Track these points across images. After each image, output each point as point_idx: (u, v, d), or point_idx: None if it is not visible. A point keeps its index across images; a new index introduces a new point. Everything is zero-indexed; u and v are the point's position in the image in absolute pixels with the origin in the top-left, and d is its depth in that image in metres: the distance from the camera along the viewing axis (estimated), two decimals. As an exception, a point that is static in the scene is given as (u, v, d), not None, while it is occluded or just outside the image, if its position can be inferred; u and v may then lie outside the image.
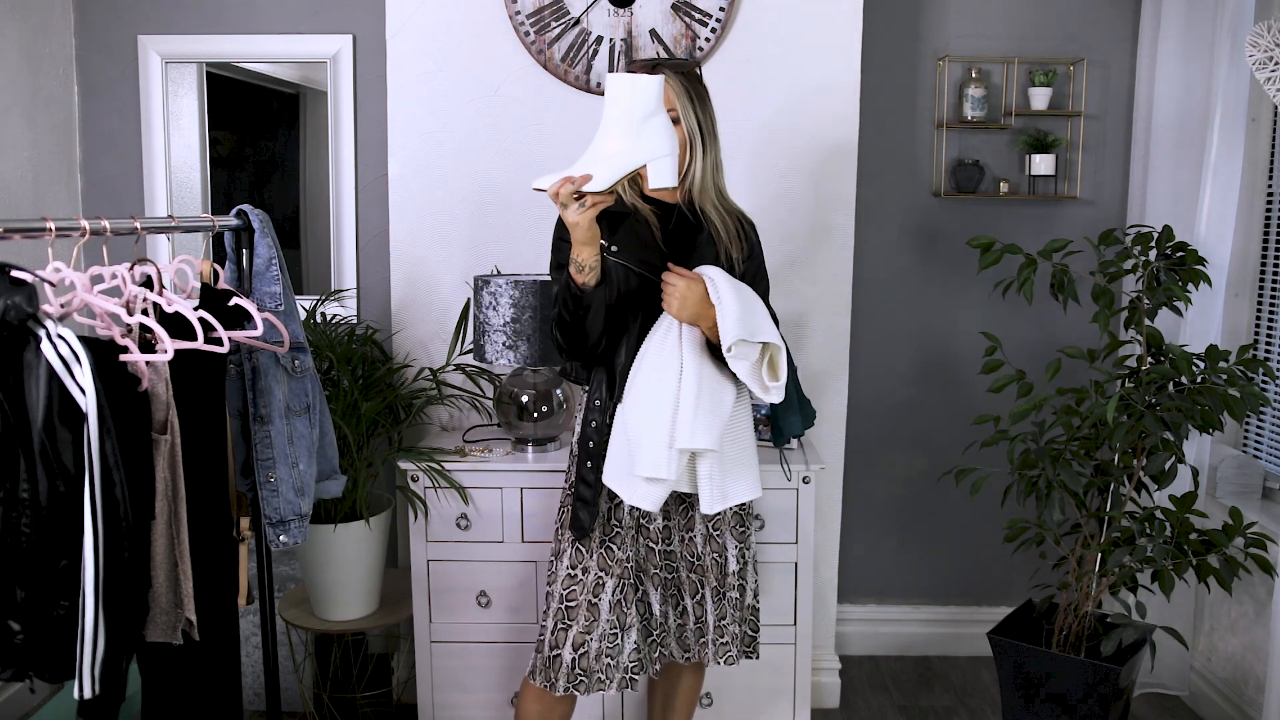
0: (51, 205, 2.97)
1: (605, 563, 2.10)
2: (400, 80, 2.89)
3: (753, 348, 1.97)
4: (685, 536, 2.16)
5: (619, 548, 2.10)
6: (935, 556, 3.38)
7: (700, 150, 2.05)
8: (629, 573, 2.11)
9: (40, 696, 2.88)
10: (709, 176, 2.08)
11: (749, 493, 2.06)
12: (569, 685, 2.09)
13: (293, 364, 2.04)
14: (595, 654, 2.09)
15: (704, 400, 1.95)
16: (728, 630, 2.20)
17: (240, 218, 2.02)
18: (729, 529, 2.17)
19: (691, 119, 2.02)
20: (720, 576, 2.17)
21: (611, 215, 2.08)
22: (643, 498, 1.96)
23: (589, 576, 2.10)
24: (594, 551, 2.10)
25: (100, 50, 3.06)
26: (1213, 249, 2.73)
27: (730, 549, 2.17)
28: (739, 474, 2.04)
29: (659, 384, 1.96)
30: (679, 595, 2.19)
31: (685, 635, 2.21)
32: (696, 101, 2.03)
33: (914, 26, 3.16)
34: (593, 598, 2.09)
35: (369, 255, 3.12)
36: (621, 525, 2.11)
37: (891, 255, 3.25)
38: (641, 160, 1.85)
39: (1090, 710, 2.51)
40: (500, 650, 2.67)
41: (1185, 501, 2.46)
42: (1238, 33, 2.65)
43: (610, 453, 2.03)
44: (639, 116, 1.83)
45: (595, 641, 2.09)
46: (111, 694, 1.63)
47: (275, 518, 2.02)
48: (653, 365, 1.98)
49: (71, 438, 1.52)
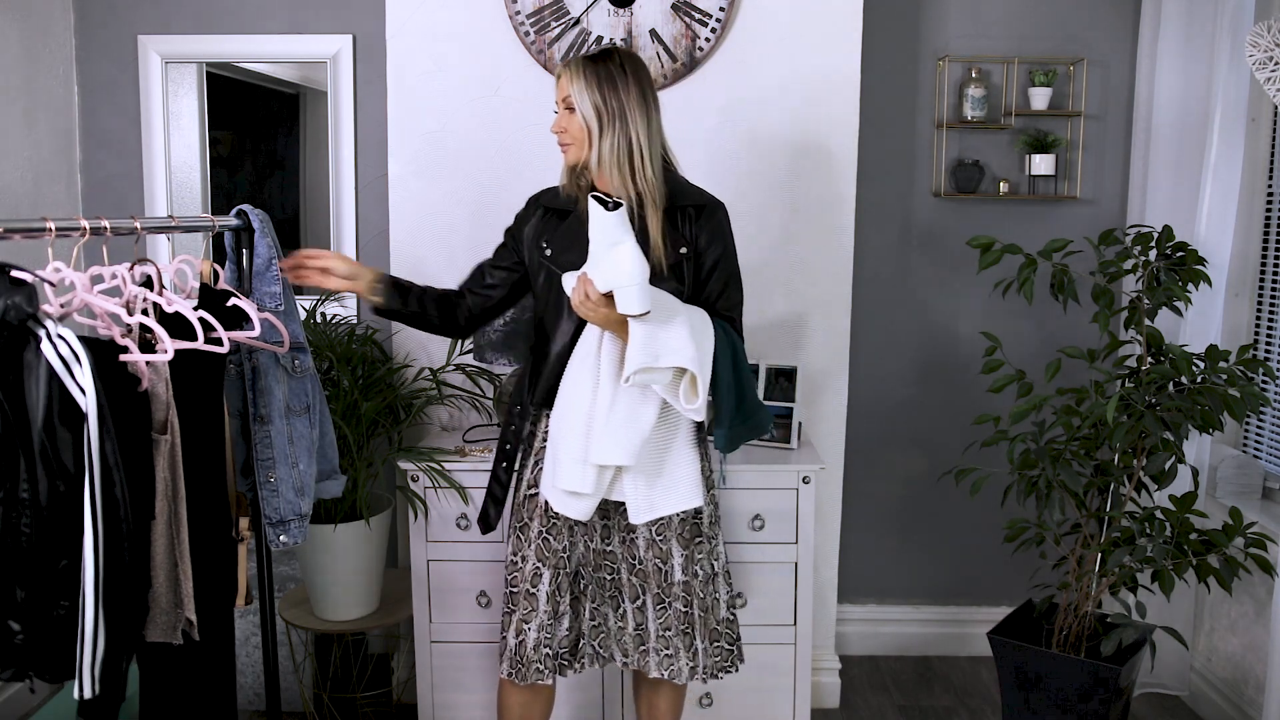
0: (51, 205, 2.97)
1: (543, 553, 2.12)
2: (400, 80, 2.89)
3: (662, 372, 1.89)
4: (626, 538, 2.13)
5: (555, 539, 2.12)
6: (935, 556, 3.37)
7: (597, 133, 1.99)
8: (565, 563, 2.12)
9: (40, 696, 2.88)
10: (617, 159, 1.99)
11: (682, 502, 2.01)
12: (511, 671, 2.13)
13: (293, 364, 2.04)
14: (533, 643, 2.12)
15: (618, 415, 1.93)
16: (671, 642, 2.13)
17: (240, 217, 2.02)
18: (675, 536, 2.10)
19: (587, 103, 1.98)
20: (664, 584, 2.11)
21: (555, 213, 2.11)
22: (570, 508, 1.99)
23: (527, 565, 2.13)
24: (532, 542, 2.13)
25: (100, 50, 3.06)
26: (1213, 249, 2.73)
27: (675, 557, 2.10)
28: (669, 485, 2.01)
29: (577, 397, 1.97)
30: (619, 597, 2.16)
31: (624, 639, 2.18)
32: (600, 85, 1.98)
33: (914, 26, 3.15)
34: (530, 587, 2.12)
35: (369, 255, 3.12)
36: (559, 518, 2.12)
37: (891, 255, 3.24)
38: (605, 287, 1.85)
39: (1090, 710, 2.51)
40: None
41: (1185, 501, 2.46)
42: (1238, 33, 2.65)
43: (545, 461, 2.06)
44: (602, 245, 1.87)
45: (534, 631, 2.12)
46: (111, 694, 1.63)
47: (275, 518, 2.02)
48: (573, 378, 2.00)
49: (71, 438, 1.52)
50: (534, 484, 2.15)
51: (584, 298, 1.89)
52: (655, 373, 1.88)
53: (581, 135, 2.01)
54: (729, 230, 2.11)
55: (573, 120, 2.01)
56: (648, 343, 1.86)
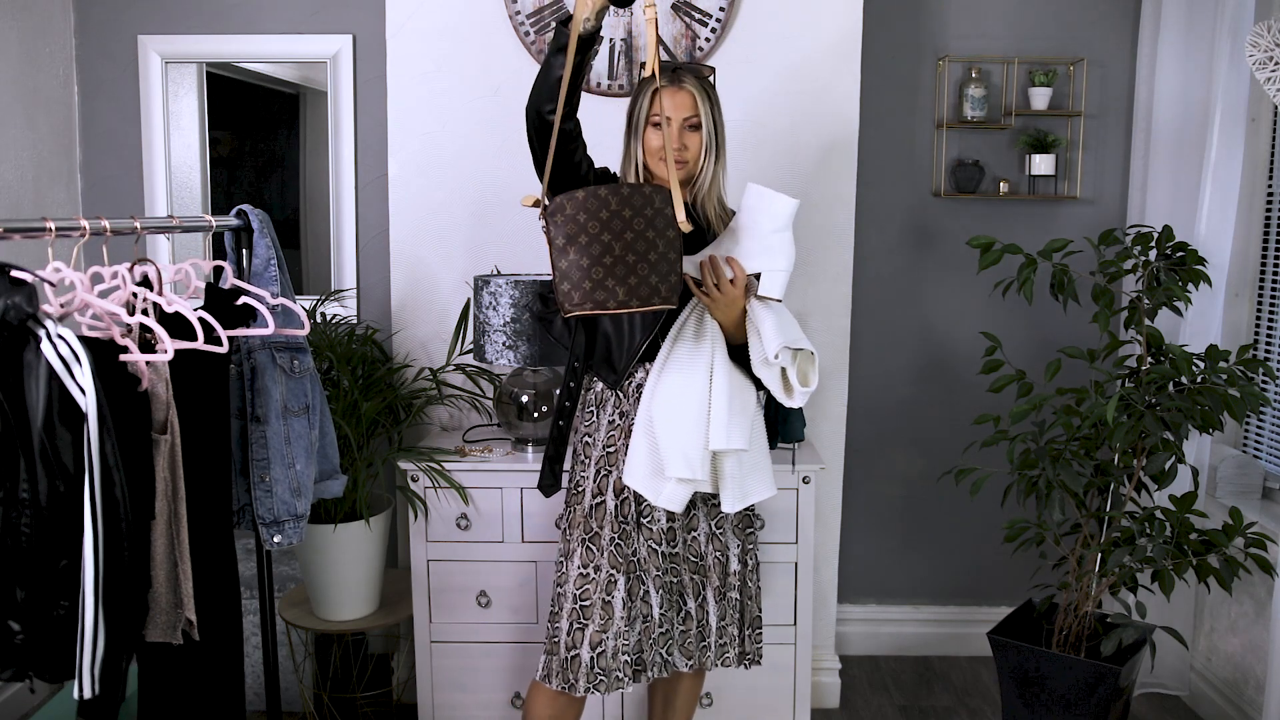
0: (51, 205, 2.97)
1: (615, 560, 2.11)
2: (400, 80, 2.89)
3: (791, 354, 2.00)
4: (687, 538, 2.17)
5: (627, 544, 2.12)
6: (935, 556, 3.37)
7: (714, 156, 2.07)
8: (635, 568, 2.12)
9: (40, 696, 2.88)
10: (717, 182, 2.12)
11: (766, 491, 2.11)
12: (589, 685, 2.09)
13: (291, 364, 2.04)
14: (613, 652, 2.10)
15: (735, 402, 2.01)
16: (726, 632, 2.21)
17: (240, 217, 2.02)
18: (731, 527, 2.19)
19: (710, 124, 2.05)
20: (722, 576, 2.19)
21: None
22: (669, 499, 2.01)
23: (601, 574, 2.11)
24: (604, 550, 2.11)
25: (100, 50, 3.06)
26: (1213, 249, 2.73)
27: (732, 548, 2.19)
28: (758, 473, 2.09)
29: (690, 387, 2.00)
30: (681, 599, 2.19)
31: (688, 641, 2.20)
32: (714, 108, 2.06)
33: (914, 26, 3.15)
34: (606, 595, 2.10)
35: (369, 255, 3.12)
36: (629, 522, 2.12)
37: (891, 255, 3.24)
38: (759, 268, 1.99)
39: (1090, 710, 2.51)
40: (500, 650, 2.67)
41: (1185, 501, 2.46)
42: (1238, 33, 2.65)
43: (632, 455, 2.06)
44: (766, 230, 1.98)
45: (612, 640, 2.10)
46: (111, 694, 1.63)
47: (269, 518, 2.02)
48: (681, 368, 2.02)
49: (71, 438, 1.52)
50: (599, 492, 2.14)
51: (725, 280, 1.97)
52: (788, 353, 1.99)
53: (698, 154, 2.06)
54: None
55: (694, 138, 2.05)
56: (781, 326, 1.97)
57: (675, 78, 2.02)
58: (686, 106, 2.02)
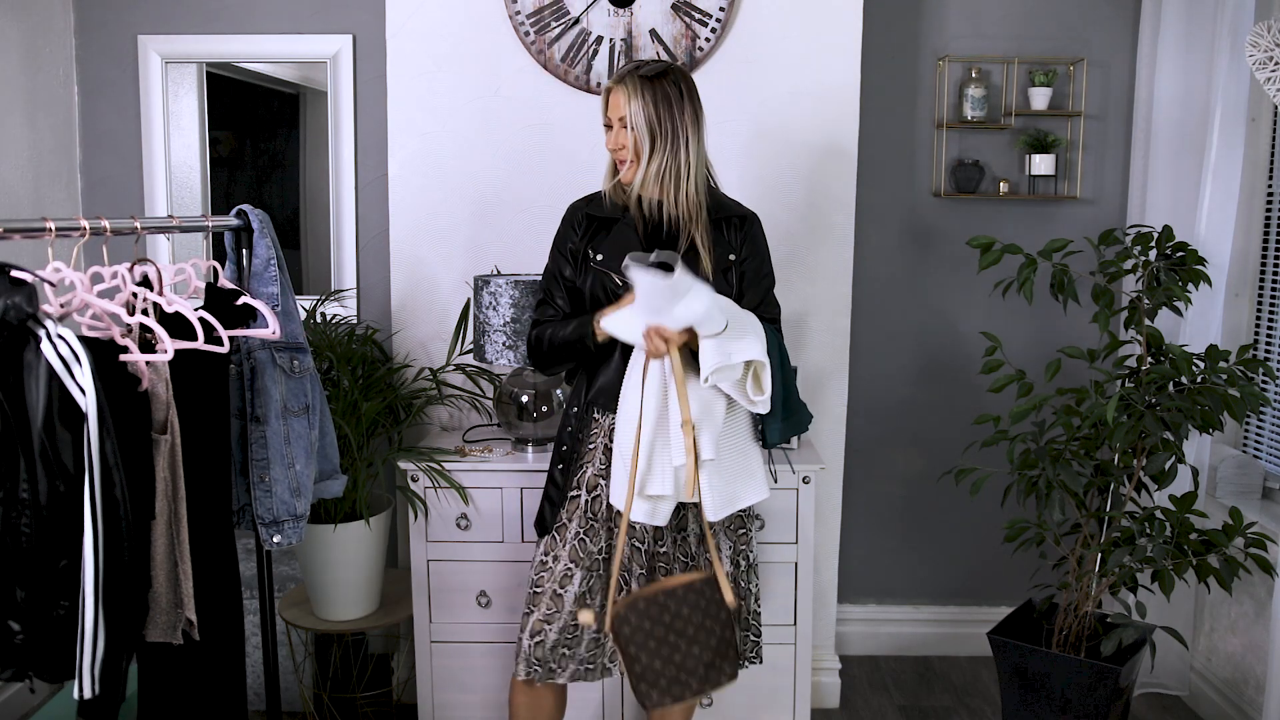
0: (51, 205, 2.97)
1: (576, 554, 2.13)
2: (400, 80, 2.89)
3: (733, 368, 1.96)
4: (677, 537, 2.17)
5: (592, 541, 2.13)
6: (935, 556, 3.37)
7: (647, 152, 2.03)
8: (599, 566, 2.13)
9: (40, 696, 2.88)
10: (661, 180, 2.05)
11: (756, 495, 2.08)
12: (527, 672, 2.14)
13: (291, 364, 2.04)
14: (552, 644, 2.13)
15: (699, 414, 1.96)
16: None
17: (240, 217, 2.02)
18: (723, 529, 2.18)
19: (645, 119, 2.01)
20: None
21: (600, 220, 2.12)
22: (647, 514, 2.01)
23: (559, 565, 2.14)
24: (568, 542, 2.13)
25: (100, 50, 3.06)
26: (1213, 249, 2.73)
27: (724, 549, 2.18)
28: (743, 479, 2.06)
29: (649, 403, 1.98)
30: None
31: None
32: (657, 104, 2.01)
33: (914, 26, 3.15)
34: (558, 587, 2.13)
35: (369, 255, 3.12)
36: (598, 519, 2.13)
37: (891, 255, 3.24)
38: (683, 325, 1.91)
39: (1090, 710, 2.51)
40: (500, 650, 2.67)
41: (1185, 501, 2.46)
42: (1238, 33, 2.65)
43: (612, 472, 2.07)
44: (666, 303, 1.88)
45: (554, 632, 2.12)
46: (111, 694, 1.63)
47: (268, 518, 2.02)
48: (639, 384, 2.00)
49: (71, 438, 1.52)
50: (576, 486, 2.15)
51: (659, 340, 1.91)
52: (728, 370, 1.94)
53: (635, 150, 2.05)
54: (764, 239, 2.21)
55: (629, 137, 2.04)
56: (720, 343, 1.92)
57: (617, 77, 2.04)
58: (616, 106, 2.04)
